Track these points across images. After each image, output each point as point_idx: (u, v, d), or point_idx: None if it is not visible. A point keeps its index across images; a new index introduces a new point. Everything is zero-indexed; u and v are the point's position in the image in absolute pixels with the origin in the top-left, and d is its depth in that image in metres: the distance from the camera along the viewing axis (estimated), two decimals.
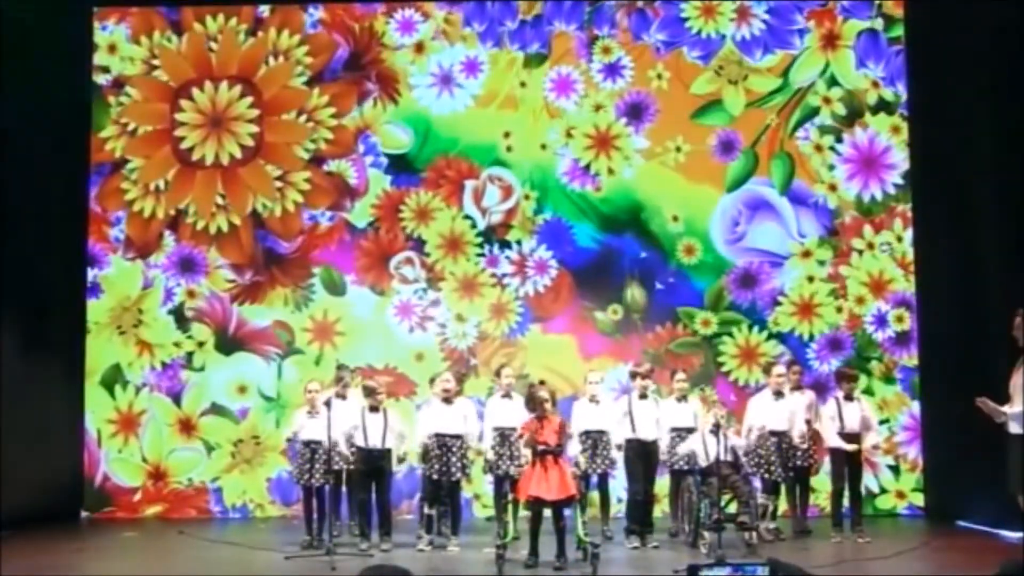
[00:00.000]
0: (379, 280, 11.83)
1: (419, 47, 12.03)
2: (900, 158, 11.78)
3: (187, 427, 11.73)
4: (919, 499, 11.46)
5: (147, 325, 11.81)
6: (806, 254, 11.74)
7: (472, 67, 11.96)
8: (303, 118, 11.96)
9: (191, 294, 11.85)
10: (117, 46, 12.07)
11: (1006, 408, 7.67)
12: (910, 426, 11.55)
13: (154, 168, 11.98)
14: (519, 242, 11.81)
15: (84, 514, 11.52)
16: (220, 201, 11.92)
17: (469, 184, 11.88)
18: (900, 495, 11.48)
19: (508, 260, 11.80)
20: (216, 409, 11.72)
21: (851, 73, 11.85)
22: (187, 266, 11.89)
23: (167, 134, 12.02)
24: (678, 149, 11.81)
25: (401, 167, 11.94)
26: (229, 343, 11.80)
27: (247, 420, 11.72)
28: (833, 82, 11.84)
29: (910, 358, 11.59)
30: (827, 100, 11.83)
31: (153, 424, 11.72)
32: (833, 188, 11.75)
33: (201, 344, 11.80)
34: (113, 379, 11.77)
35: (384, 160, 11.92)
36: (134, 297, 11.85)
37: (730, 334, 11.64)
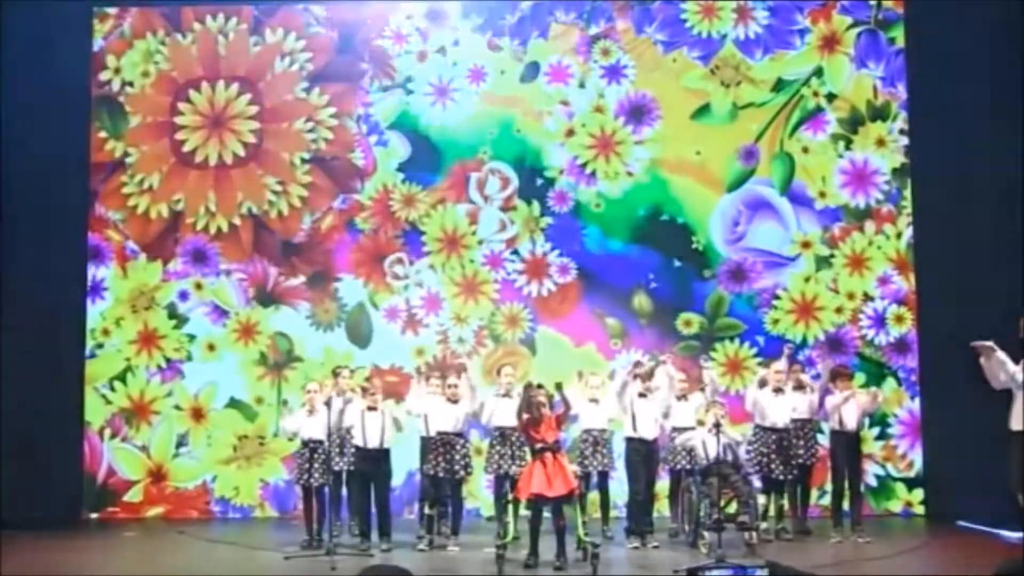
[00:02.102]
0: (376, 279, 11.85)
1: (421, 56, 12.04)
2: (898, 162, 11.74)
3: (198, 415, 11.74)
4: (919, 499, 11.44)
5: (155, 312, 11.84)
6: (806, 244, 11.72)
7: (477, 75, 11.96)
8: (302, 121, 11.97)
9: (198, 286, 11.88)
10: (117, 45, 12.07)
11: (1003, 356, 7.67)
12: (907, 422, 11.53)
13: (151, 161, 12.01)
14: (516, 239, 11.81)
15: (93, 516, 11.53)
16: (213, 199, 11.95)
17: (474, 176, 11.90)
18: (899, 495, 11.47)
19: (519, 258, 11.80)
20: (232, 403, 11.75)
21: (851, 74, 11.83)
22: (199, 257, 11.94)
23: (166, 127, 12.04)
24: (698, 153, 11.81)
25: (404, 170, 11.99)
26: (268, 298, 11.84)
27: (258, 419, 11.69)
28: (832, 84, 11.82)
29: (906, 359, 11.60)
30: (824, 101, 11.82)
31: (165, 424, 11.73)
32: (823, 195, 11.74)
33: (211, 347, 11.81)
34: (126, 369, 11.79)
35: (388, 138, 11.98)
36: (152, 285, 11.89)
37: (721, 340, 11.61)
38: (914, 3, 11.76)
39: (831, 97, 11.82)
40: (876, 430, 11.34)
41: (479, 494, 11.12)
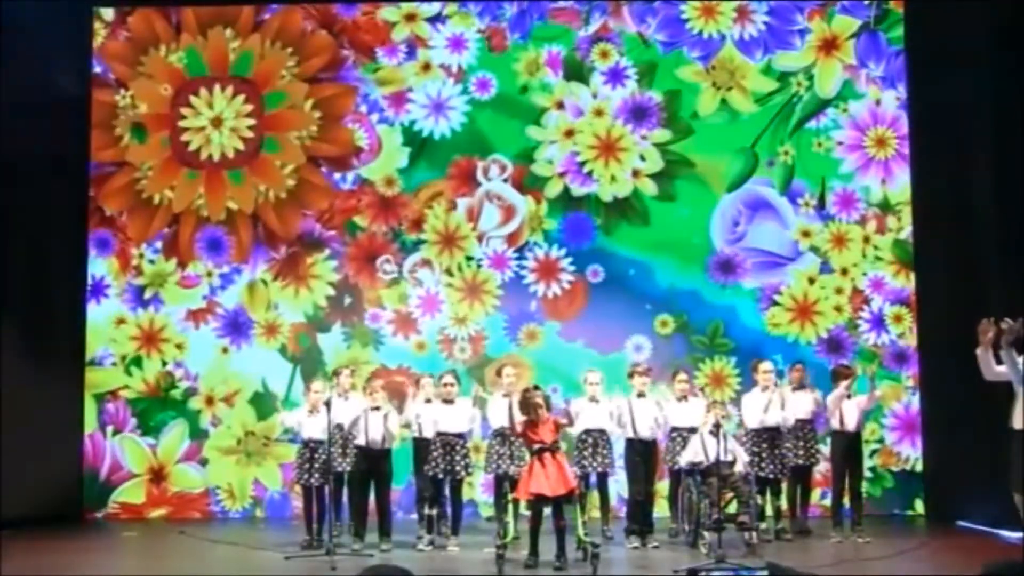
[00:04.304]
0: (373, 277, 11.88)
1: (425, 67, 12.02)
2: (896, 163, 11.75)
3: (209, 402, 11.75)
4: (918, 499, 11.44)
5: (166, 293, 11.89)
6: (806, 234, 11.71)
7: (482, 82, 11.99)
8: (301, 123, 11.98)
9: (209, 274, 11.92)
10: (117, 45, 12.09)
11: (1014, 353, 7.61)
12: (902, 416, 11.53)
13: (148, 154, 12.01)
14: (518, 233, 11.81)
15: (97, 515, 11.53)
16: (207, 199, 11.97)
17: (480, 164, 11.92)
18: (899, 495, 11.47)
19: (532, 257, 11.80)
20: (249, 399, 11.78)
21: (851, 75, 11.84)
22: (214, 246, 11.98)
23: (167, 120, 12.05)
24: (713, 156, 11.79)
25: (404, 170, 12.00)
26: (316, 243, 11.87)
27: (268, 419, 11.64)
28: (832, 84, 11.82)
29: (906, 360, 11.61)
30: (824, 102, 11.82)
31: (176, 429, 11.74)
32: (813, 205, 11.76)
33: (224, 350, 11.83)
34: (133, 363, 11.82)
35: (390, 115, 12.00)
36: (169, 270, 11.92)
37: (713, 355, 11.63)
38: (914, 3, 11.77)
39: (831, 97, 11.83)
40: (875, 443, 11.37)
41: (479, 494, 11.13)
